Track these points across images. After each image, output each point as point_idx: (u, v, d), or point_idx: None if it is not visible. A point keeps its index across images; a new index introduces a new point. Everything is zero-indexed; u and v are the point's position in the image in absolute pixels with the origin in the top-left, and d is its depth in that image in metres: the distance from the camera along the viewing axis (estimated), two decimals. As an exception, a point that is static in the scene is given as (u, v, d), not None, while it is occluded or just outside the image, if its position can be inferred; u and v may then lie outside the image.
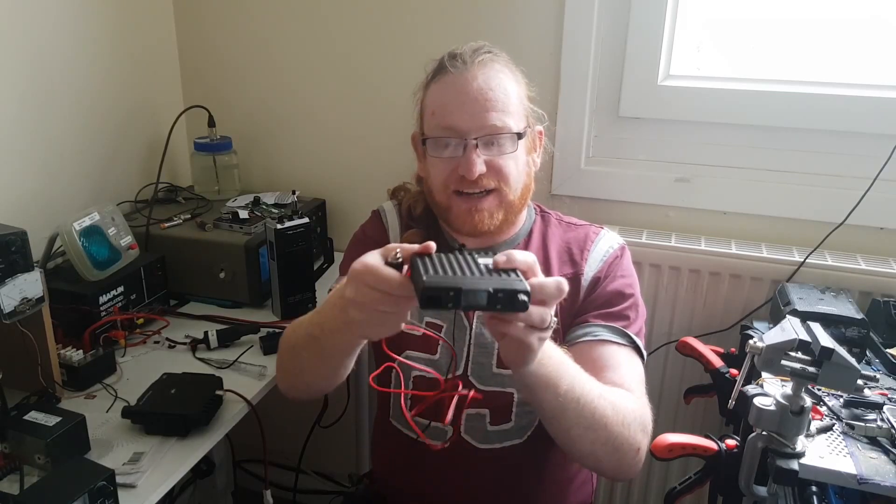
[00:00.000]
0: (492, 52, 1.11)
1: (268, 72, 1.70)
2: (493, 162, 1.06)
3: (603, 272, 1.14)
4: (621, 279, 1.14)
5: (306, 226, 1.34)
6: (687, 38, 1.45)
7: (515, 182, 1.09)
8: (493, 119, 1.05)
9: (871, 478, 0.87)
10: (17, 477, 0.92)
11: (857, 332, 1.17)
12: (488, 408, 1.10)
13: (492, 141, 1.06)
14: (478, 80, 1.06)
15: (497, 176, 1.07)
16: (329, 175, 1.73)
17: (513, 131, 1.06)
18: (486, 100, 1.05)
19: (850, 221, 1.35)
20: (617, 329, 1.08)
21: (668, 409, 1.49)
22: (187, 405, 1.04)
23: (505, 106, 1.06)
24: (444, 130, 1.07)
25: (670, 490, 1.03)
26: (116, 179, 1.59)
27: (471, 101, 1.05)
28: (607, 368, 1.02)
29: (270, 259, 1.35)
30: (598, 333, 1.07)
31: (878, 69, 1.35)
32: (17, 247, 0.98)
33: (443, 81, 1.09)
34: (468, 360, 1.11)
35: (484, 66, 1.08)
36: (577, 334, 1.08)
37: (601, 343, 1.06)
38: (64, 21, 1.42)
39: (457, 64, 1.08)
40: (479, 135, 1.05)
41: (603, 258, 1.15)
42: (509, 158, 1.07)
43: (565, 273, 1.14)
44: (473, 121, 1.04)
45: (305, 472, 1.64)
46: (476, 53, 1.09)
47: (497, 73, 1.08)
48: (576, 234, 1.19)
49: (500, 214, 1.09)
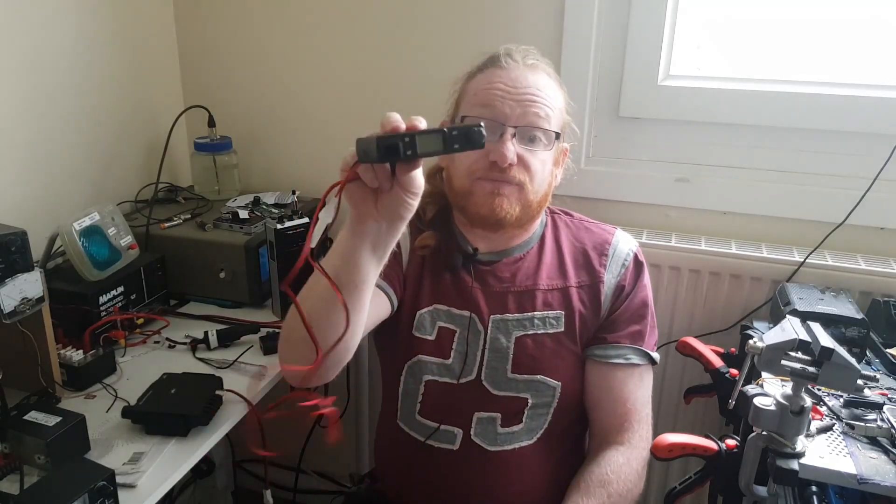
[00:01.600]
0: (541, 60, 1.14)
1: (268, 72, 1.70)
2: (524, 157, 1.07)
3: (626, 280, 1.16)
4: (644, 289, 1.18)
5: (306, 226, 1.34)
6: (687, 38, 1.45)
7: (539, 184, 1.10)
8: (538, 113, 1.07)
9: (871, 478, 0.87)
10: (17, 477, 0.92)
11: (857, 332, 1.17)
12: (500, 412, 1.11)
13: (529, 135, 1.07)
14: (528, 79, 1.08)
15: (525, 171, 1.08)
16: (329, 175, 1.69)
17: (552, 130, 1.08)
18: (535, 96, 1.07)
19: (850, 221, 1.35)
20: (642, 351, 1.15)
21: (668, 409, 1.50)
22: (187, 405, 1.04)
23: (548, 110, 1.08)
24: (486, 110, 1.07)
25: (670, 490, 1.04)
26: (116, 179, 1.59)
27: (519, 93, 1.07)
28: (628, 399, 1.12)
29: (270, 259, 1.35)
30: (630, 357, 1.14)
31: (878, 69, 1.35)
32: (17, 247, 0.98)
33: (493, 71, 1.11)
34: (482, 364, 1.12)
35: (535, 69, 1.11)
36: (607, 353, 1.13)
37: (630, 367, 1.13)
38: (64, 21, 1.42)
39: (510, 60, 1.11)
40: (519, 124, 1.06)
41: (624, 264, 1.17)
42: (539, 159, 1.09)
43: (582, 280, 1.14)
44: (517, 109, 1.06)
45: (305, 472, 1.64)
46: (527, 56, 1.12)
47: (547, 79, 1.11)
48: (590, 236, 1.20)
49: (517, 207, 1.09)
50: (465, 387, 1.11)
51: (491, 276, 1.15)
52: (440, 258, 1.15)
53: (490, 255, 1.16)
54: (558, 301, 1.13)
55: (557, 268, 1.16)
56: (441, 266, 1.15)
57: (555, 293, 1.14)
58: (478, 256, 1.15)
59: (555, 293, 1.14)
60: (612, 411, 1.13)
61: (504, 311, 1.13)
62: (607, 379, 1.12)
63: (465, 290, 1.13)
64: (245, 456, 1.82)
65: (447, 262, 1.15)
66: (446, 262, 1.15)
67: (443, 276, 1.15)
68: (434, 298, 1.14)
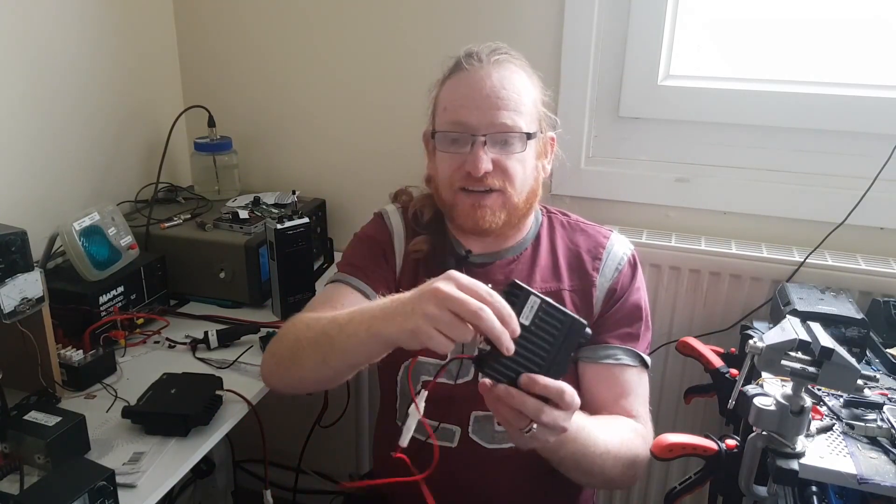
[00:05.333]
0: (509, 54, 1.12)
1: (268, 72, 1.70)
2: (500, 161, 1.06)
3: (619, 283, 1.15)
4: (637, 292, 1.17)
5: (306, 226, 1.34)
6: (687, 38, 1.45)
7: (521, 185, 1.09)
8: (504, 117, 1.05)
9: (871, 478, 0.87)
10: (17, 477, 0.92)
11: (857, 332, 1.17)
12: None
13: (500, 140, 1.06)
14: (492, 79, 1.06)
15: (503, 176, 1.07)
16: (329, 175, 1.73)
17: (522, 131, 1.06)
18: (499, 98, 1.05)
19: (850, 221, 1.35)
20: (633, 352, 1.13)
21: (668, 409, 1.49)
22: (187, 405, 1.04)
23: (517, 106, 1.06)
24: (453, 125, 1.07)
25: (670, 490, 1.03)
26: (116, 179, 1.59)
27: (483, 98, 1.05)
28: (622, 395, 1.11)
29: (270, 259, 1.35)
30: (620, 358, 1.12)
31: (878, 69, 1.35)
32: (17, 247, 0.98)
33: (457, 78, 1.09)
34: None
35: (500, 65, 1.09)
36: (598, 354, 1.12)
37: (621, 367, 1.12)
38: (64, 21, 1.42)
39: (473, 62, 1.08)
40: (488, 132, 1.05)
41: (617, 268, 1.16)
42: (516, 160, 1.07)
43: (574, 284, 1.14)
44: (484, 117, 1.05)
45: (305, 472, 1.63)
46: (493, 53, 1.10)
47: (512, 74, 1.09)
48: (585, 239, 1.19)
49: (502, 215, 1.09)
50: (463, 387, 1.11)
51: (485, 278, 1.14)
52: (434, 261, 1.15)
53: (484, 258, 1.16)
54: None
55: (551, 270, 1.16)
56: (435, 269, 1.15)
57: (549, 296, 1.14)
58: (471, 259, 1.15)
59: (549, 296, 1.14)
60: (609, 412, 1.12)
61: None
62: (599, 380, 1.11)
63: None
64: (245, 456, 1.82)
65: (440, 265, 1.15)
66: (440, 265, 1.15)
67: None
68: None
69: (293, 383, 1.04)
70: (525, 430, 0.80)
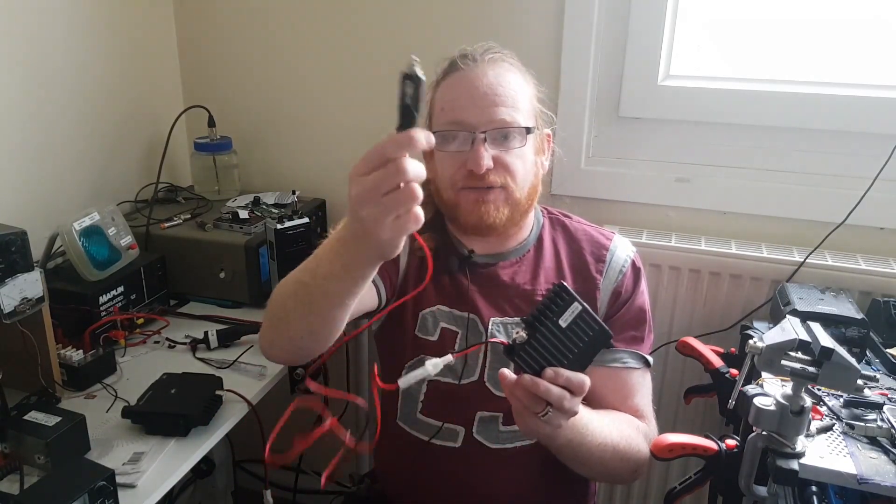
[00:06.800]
0: (501, 53, 1.12)
1: (268, 72, 1.70)
2: (500, 158, 1.07)
3: (623, 286, 1.16)
4: (642, 296, 1.18)
5: (306, 226, 1.34)
6: (687, 38, 1.45)
7: (523, 180, 1.09)
8: (502, 114, 1.06)
9: (871, 478, 0.87)
10: (17, 477, 0.92)
11: (857, 332, 1.17)
12: (502, 411, 1.11)
13: (500, 136, 1.07)
14: (488, 77, 1.07)
15: (504, 172, 1.07)
16: (329, 175, 1.72)
17: (521, 125, 1.07)
18: (496, 95, 1.06)
19: (850, 221, 1.35)
20: (638, 354, 1.14)
21: (668, 409, 1.49)
22: (187, 405, 1.04)
23: (514, 102, 1.07)
24: (453, 125, 1.07)
25: (670, 490, 1.03)
26: (116, 179, 1.59)
27: (480, 96, 1.06)
28: (629, 397, 1.13)
29: (270, 259, 1.35)
30: (626, 361, 1.13)
31: (878, 69, 1.35)
32: (17, 247, 0.98)
33: (453, 78, 1.10)
34: (484, 366, 1.12)
35: (494, 63, 1.10)
36: (605, 358, 1.13)
37: (627, 370, 1.13)
38: (63, 20, 1.42)
39: (467, 62, 1.09)
40: (487, 129, 1.05)
41: (621, 270, 1.16)
42: (516, 155, 1.08)
43: (578, 287, 1.14)
44: (482, 115, 1.06)
45: (305, 472, 1.63)
46: (486, 52, 1.11)
47: (506, 72, 1.10)
48: (588, 241, 1.19)
49: (506, 210, 1.09)
50: (467, 387, 1.11)
51: (489, 278, 1.15)
52: (438, 260, 1.15)
53: (487, 258, 1.16)
54: None
55: (555, 271, 1.16)
56: (439, 268, 1.15)
57: None
58: (474, 259, 1.15)
59: None
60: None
61: (503, 314, 1.13)
62: (606, 382, 1.12)
63: (463, 292, 1.13)
64: (245, 456, 1.82)
65: (444, 265, 1.15)
66: (443, 265, 1.15)
67: (442, 278, 1.15)
68: (437, 299, 1.14)
69: (291, 346, 0.98)
70: (542, 413, 0.84)
